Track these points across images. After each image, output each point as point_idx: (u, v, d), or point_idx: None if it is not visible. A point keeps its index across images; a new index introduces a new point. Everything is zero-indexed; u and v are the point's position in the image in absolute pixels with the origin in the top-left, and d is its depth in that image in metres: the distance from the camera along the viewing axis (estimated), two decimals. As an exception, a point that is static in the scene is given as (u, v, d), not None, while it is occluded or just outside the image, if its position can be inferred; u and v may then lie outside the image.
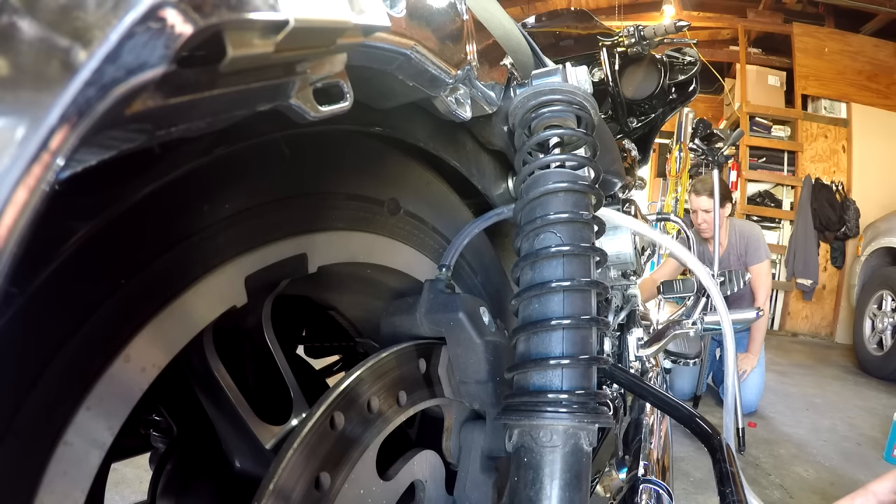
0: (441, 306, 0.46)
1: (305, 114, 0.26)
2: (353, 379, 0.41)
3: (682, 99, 1.44)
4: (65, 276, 0.27)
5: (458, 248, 0.49)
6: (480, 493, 0.49)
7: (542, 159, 0.44)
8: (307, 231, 0.42)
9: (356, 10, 0.25)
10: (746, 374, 2.90)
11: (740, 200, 5.82)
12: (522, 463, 0.36)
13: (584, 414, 0.36)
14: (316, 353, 0.88)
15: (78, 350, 0.28)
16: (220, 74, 0.20)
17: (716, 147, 2.75)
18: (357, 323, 0.64)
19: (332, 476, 0.38)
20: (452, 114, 0.40)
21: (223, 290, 0.36)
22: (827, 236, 5.58)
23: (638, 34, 1.31)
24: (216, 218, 0.35)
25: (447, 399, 0.50)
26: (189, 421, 0.62)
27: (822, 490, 2.22)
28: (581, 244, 0.40)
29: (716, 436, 0.71)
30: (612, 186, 0.93)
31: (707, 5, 6.43)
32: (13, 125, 0.14)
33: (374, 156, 0.48)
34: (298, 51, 0.23)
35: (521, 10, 6.14)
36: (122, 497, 1.68)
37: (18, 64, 0.14)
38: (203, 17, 0.17)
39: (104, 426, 0.30)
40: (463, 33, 0.38)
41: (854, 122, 5.82)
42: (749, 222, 3.71)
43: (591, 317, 0.39)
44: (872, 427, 2.85)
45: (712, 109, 7.10)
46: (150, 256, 0.31)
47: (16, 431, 0.26)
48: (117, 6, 0.15)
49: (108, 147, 0.19)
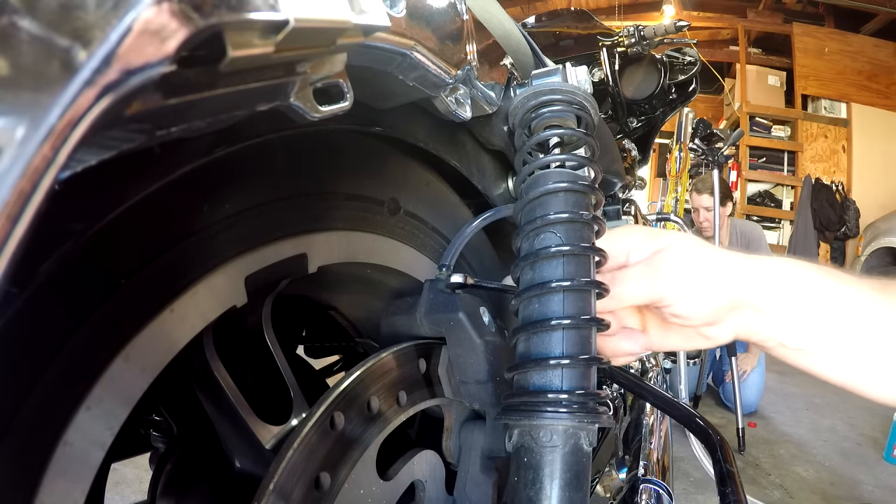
0: (441, 306, 0.46)
1: (305, 114, 0.26)
2: (353, 379, 0.41)
3: (682, 99, 1.44)
4: (65, 275, 0.27)
5: (458, 248, 0.49)
6: (480, 493, 0.49)
7: (541, 159, 0.44)
8: (307, 231, 0.42)
9: (356, 10, 0.25)
10: (746, 374, 2.90)
11: (740, 200, 5.82)
12: (522, 463, 0.36)
13: (584, 414, 0.36)
14: (316, 353, 0.88)
15: (78, 350, 0.28)
16: (219, 74, 0.20)
17: (716, 147, 2.75)
18: (357, 323, 0.64)
19: (332, 476, 0.38)
20: (452, 114, 0.40)
21: (223, 290, 0.36)
22: (827, 236, 5.58)
23: (638, 34, 1.31)
24: (216, 218, 0.35)
25: (447, 399, 0.50)
26: (189, 421, 0.62)
27: (822, 490, 2.22)
28: (581, 244, 0.40)
29: (715, 435, 0.71)
30: (612, 186, 0.93)
31: (707, 5, 6.44)
32: (13, 125, 0.14)
33: (374, 156, 0.48)
34: (298, 51, 0.23)
35: (521, 10, 6.15)
36: (122, 497, 1.68)
37: (18, 64, 0.14)
38: (203, 17, 0.17)
39: (104, 426, 0.30)
40: (463, 33, 0.38)
41: (854, 122, 5.82)
42: (750, 222, 3.71)
43: (591, 317, 0.39)
44: (872, 427, 2.85)
45: (712, 109, 7.11)
46: (150, 256, 0.31)
47: (16, 431, 0.26)
48: (117, 6, 0.15)
49: (108, 147, 0.19)
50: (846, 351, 0.43)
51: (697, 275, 0.44)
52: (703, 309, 0.44)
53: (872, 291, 0.43)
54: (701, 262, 0.45)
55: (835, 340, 0.43)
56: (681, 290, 0.44)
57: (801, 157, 5.92)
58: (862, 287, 0.43)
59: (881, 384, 0.43)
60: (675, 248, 0.45)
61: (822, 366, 0.44)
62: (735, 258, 0.46)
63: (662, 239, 0.46)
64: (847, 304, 0.43)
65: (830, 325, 0.43)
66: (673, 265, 0.44)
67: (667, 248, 0.45)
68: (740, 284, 0.44)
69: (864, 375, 0.43)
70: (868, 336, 0.42)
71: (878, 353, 0.42)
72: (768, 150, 6.08)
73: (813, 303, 0.43)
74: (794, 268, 0.45)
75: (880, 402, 0.44)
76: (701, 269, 0.44)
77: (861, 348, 0.42)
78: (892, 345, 0.41)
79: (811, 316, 0.43)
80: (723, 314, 0.45)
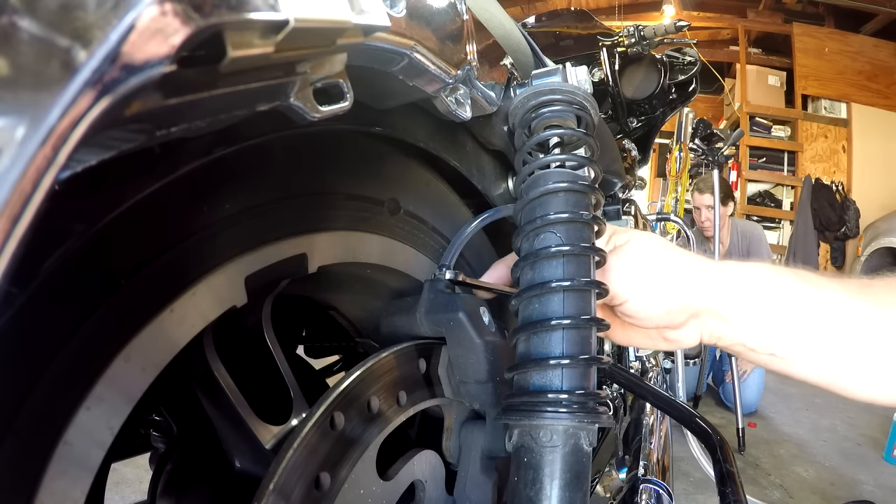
0: (441, 306, 0.46)
1: (306, 114, 0.26)
2: (353, 379, 0.41)
3: (682, 99, 1.44)
4: (65, 275, 0.27)
5: (458, 248, 0.49)
6: (480, 493, 0.49)
7: (541, 159, 0.44)
8: (307, 231, 0.42)
9: (356, 10, 0.25)
10: (746, 374, 2.90)
11: (740, 200, 5.82)
12: (522, 463, 0.36)
13: (584, 414, 0.36)
14: (316, 353, 0.88)
15: (78, 350, 0.28)
16: (220, 74, 0.20)
17: (716, 147, 2.76)
18: (357, 323, 0.64)
19: (332, 476, 0.38)
20: (452, 114, 0.40)
21: (223, 290, 0.36)
22: (827, 236, 5.58)
23: (638, 34, 1.31)
24: (216, 218, 0.35)
25: (447, 399, 0.50)
26: (189, 421, 0.62)
27: (822, 490, 2.22)
28: (581, 244, 0.40)
29: (715, 435, 0.71)
30: (612, 186, 0.93)
31: (707, 5, 6.44)
32: (13, 125, 0.14)
33: (374, 156, 0.48)
34: (298, 51, 0.23)
35: (521, 10, 6.14)
36: (122, 497, 1.69)
37: (18, 64, 0.14)
38: (203, 17, 0.17)
39: (104, 426, 0.30)
40: (463, 33, 0.38)
41: (854, 122, 5.82)
42: (751, 222, 3.72)
43: (591, 317, 0.39)
44: (872, 427, 2.85)
45: (712, 109, 7.11)
46: (150, 256, 0.31)
47: (16, 431, 0.26)
48: (117, 6, 0.15)
49: (108, 147, 0.19)
50: (819, 352, 0.41)
51: (650, 275, 0.43)
52: (655, 310, 0.43)
53: (845, 292, 0.41)
54: (656, 263, 0.43)
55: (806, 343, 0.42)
56: (632, 289, 0.43)
57: (801, 157, 5.92)
58: (834, 288, 0.42)
59: (858, 383, 0.42)
60: (632, 246, 0.44)
61: (795, 368, 0.43)
62: (696, 261, 0.44)
63: (623, 236, 0.45)
64: (816, 306, 0.41)
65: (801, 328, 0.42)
66: (627, 263, 0.43)
67: (625, 244, 0.44)
68: (697, 289, 0.43)
69: (841, 375, 0.42)
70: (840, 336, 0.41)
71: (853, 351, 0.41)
72: (768, 150, 6.08)
73: (779, 307, 0.42)
74: (761, 272, 0.43)
75: (858, 400, 0.43)
76: (655, 270, 0.43)
77: (834, 348, 0.41)
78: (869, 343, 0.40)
79: (781, 320, 0.42)
80: (679, 318, 0.44)
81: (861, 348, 0.40)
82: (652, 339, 0.49)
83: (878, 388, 0.41)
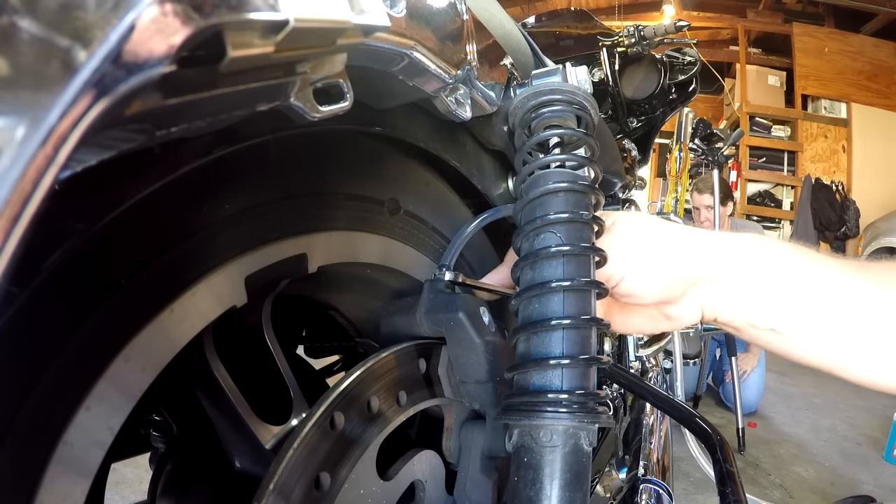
0: (441, 306, 0.46)
1: (306, 114, 0.26)
2: (353, 379, 0.41)
3: (682, 99, 1.44)
4: (65, 275, 0.27)
5: (458, 248, 0.49)
6: (480, 493, 0.49)
7: (541, 159, 0.44)
8: (307, 231, 0.42)
9: (356, 10, 0.25)
10: (746, 374, 2.90)
11: (740, 200, 5.82)
12: (522, 463, 0.36)
13: (584, 414, 0.36)
14: (316, 353, 0.88)
15: (78, 350, 0.28)
16: (219, 74, 0.20)
17: (716, 147, 2.76)
18: (357, 323, 0.64)
19: (332, 476, 0.38)
20: (452, 114, 0.40)
21: (223, 290, 0.36)
22: (827, 236, 5.58)
23: (638, 34, 1.31)
24: (216, 218, 0.35)
25: (447, 399, 0.50)
26: (189, 421, 0.62)
27: (822, 490, 2.22)
28: (581, 244, 0.40)
29: (715, 435, 0.71)
30: (612, 186, 0.93)
31: (707, 5, 6.44)
32: (13, 125, 0.14)
33: (374, 156, 0.48)
34: (298, 51, 0.23)
35: (521, 10, 6.15)
36: (122, 497, 1.69)
37: (18, 64, 0.14)
38: (203, 17, 0.17)
39: (104, 426, 0.30)
40: (463, 33, 0.38)
41: (854, 122, 5.82)
42: (751, 222, 3.72)
43: (591, 317, 0.39)
44: (872, 427, 2.85)
45: (712, 109, 7.11)
46: (150, 256, 0.31)
47: (16, 431, 0.26)
48: (117, 6, 0.15)
49: (108, 147, 0.19)
50: (820, 330, 0.40)
51: (643, 249, 0.42)
52: (652, 284, 0.42)
53: (843, 270, 0.40)
54: (647, 236, 0.42)
55: (808, 319, 0.40)
56: (627, 266, 0.42)
57: (801, 157, 5.92)
58: (831, 263, 0.41)
59: (859, 364, 0.40)
60: (619, 225, 0.43)
61: (796, 347, 0.41)
62: (688, 231, 0.43)
63: (607, 218, 0.44)
64: (820, 281, 0.40)
65: (802, 303, 0.40)
66: (618, 242, 0.42)
67: (612, 224, 0.44)
68: (692, 256, 0.42)
69: (841, 354, 0.40)
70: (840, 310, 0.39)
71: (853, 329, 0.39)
72: (768, 150, 6.08)
73: (782, 279, 0.40)
74: (756, 240, 0.42)
75: (859, 383, 0.41)
76: (646, 243, 0.42)
77: (834, 323, 0.40)
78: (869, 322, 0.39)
79: (781, 292, 0.40)
80: (677, 288, 0.42)
81: (861, 327, 0.39)
82: (653, 320, 0.48)
83: (879, 371, 0.40)
